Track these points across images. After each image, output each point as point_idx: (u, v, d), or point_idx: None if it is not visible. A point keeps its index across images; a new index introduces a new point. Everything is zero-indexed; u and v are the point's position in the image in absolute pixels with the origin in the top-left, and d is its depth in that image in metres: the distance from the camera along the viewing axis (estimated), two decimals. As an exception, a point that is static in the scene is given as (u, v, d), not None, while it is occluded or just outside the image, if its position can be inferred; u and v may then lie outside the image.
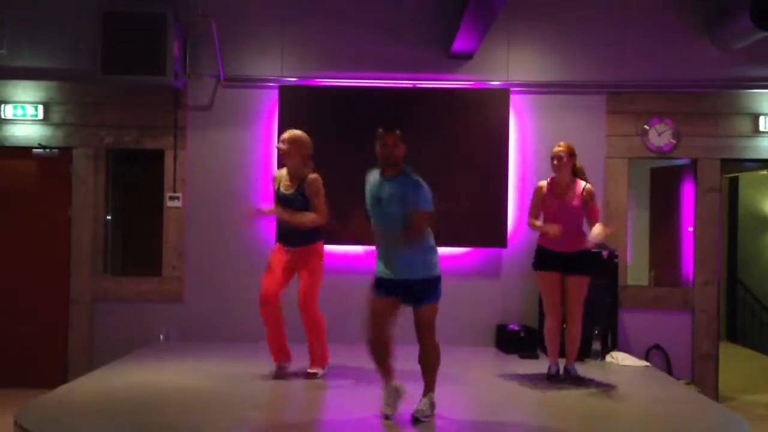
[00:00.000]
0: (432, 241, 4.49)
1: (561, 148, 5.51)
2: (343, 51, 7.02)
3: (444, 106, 6.93)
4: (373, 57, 7.00)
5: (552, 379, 5.59)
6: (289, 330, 5.50)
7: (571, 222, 5.47)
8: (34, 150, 6.99)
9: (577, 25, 7.03)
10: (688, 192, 7.21)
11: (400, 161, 4.46)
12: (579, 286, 5.49)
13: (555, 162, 5.50)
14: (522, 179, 6.96)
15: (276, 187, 5.44)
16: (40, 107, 6.98)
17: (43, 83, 6.99)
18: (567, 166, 5.50)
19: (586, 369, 5.97)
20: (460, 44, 6.59)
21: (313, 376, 5.46)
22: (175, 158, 6.99)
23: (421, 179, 4.44)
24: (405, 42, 7.02)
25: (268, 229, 6.83)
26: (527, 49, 7.05)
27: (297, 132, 5.40)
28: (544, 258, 5.57)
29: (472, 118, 6.90)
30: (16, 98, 7.00)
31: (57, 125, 7.01)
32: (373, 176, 4.54)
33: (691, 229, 7.10)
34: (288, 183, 5.38)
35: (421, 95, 6.96)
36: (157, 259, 7.02)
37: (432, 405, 4.44)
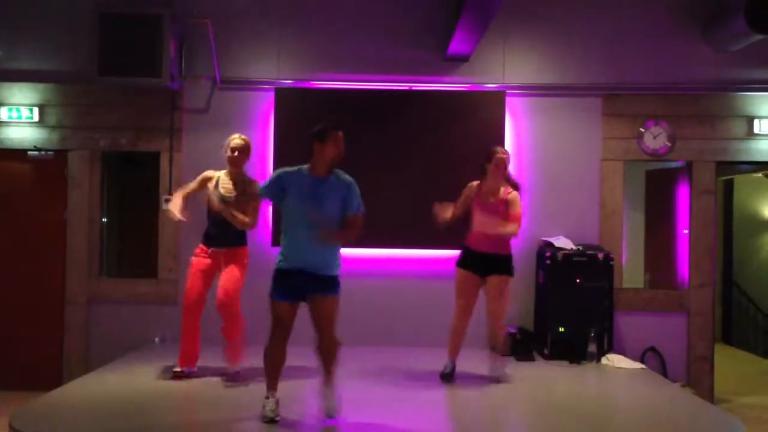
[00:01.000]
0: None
1: (507, 155, 5.59)
2: (340, 53, 7.03)
3: (440, 108, 6.93)
4: (369, 59, 7.01)
5: (446, 378, 5.55)
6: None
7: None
8: (30, 152, 6.97)
9: (573, 28, 7.05)
10: (683, 194, 7.23)
11: (334, 162, 4.52)
12: (496, 286, 5.48)
13: (500, 169, 5.52)
14: (517, 181, 6.94)
15: (212, 188, 5.40)
16: (36, 109, 6.97)
17: (38, 85, 6.98)
18: (505, 173, 5.57)
19: (581, 371, 5.98)
20: (456, 47, 6.60)
21: (233, 376, 5.47)
22: (170, 160, 6.98)
23: (352, 180, 4.53)
24: (401, 44, 7.02)
25: (263, 232, 6.84)
26: (523, 52, 7.06)
27: (246, 138, 5.51)
28: (467, 257, 5.57)
29: (468, 121, 6.90)
30: (12, 100, 6.98)
31: (52, 127, 6.99)
32: (299, 175, 4.50)
33: (686, 231, 7.12)
34: (229, 186, 5.42)
35: (417, 98, 6.96)
36: (153, 261, 7.01)
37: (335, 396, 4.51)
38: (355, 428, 4.40)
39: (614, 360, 6.36)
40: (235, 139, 5.46)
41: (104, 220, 7.14)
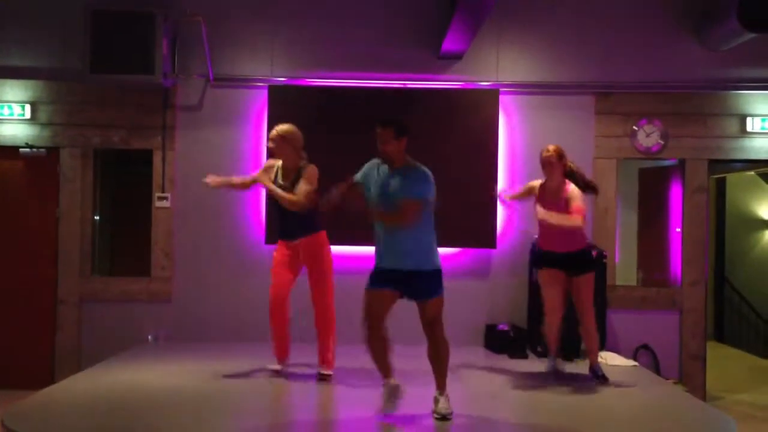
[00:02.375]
0: (433, 237, 4.51)
1: (550, 153, 5.49)
2: (333, 51, 7.02)
3: (433, 106, 6.93)
4: (362, 57, 7.00)
5: (551, 376, 5.64)
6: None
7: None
8: (22, 150, 6.95)
9: (566, 26, 7.06)
10: (676, 192, 7.25)
11: (394, 156, 4.45)
12: (584, 284, 5.53)
13: (547, 168, 5.50)
14: (511, 179, 6.97)
15: (273, 177, 5.38)
16: (28, 106, 6.94)
17: (30, 82, 6.95)
18: (558, 170, 5.49)
19: (574, 368, 5.98)
20: (449, 45, 6.60)
21: (327, 377, 5.38)
22: (163, 158, 6.96)
23: (425, 171, 4.45)
24: (395, 42, 7.02)
25: (257, 230, 6.83)
26: (517, 50, 7.07)
27: (284, 127, 5.37)
28: (545, 258, 5.61)
29: (461, 119, 6.91)
30: (3, 98, 6.95)
31: (44, 125, 6.97)
32: (382, 168, 4.52)
33: (679, 229, 7.14)
34: (284, 174, 5.37)
35: (411, 96, 6.96)
36: (146, 259, 6.99)
37: (449, 400, 4.47)
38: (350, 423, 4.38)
39: (607, 357, 6.37)
40: (272, 131, 5.39)
41: (97, 218, 7.12)
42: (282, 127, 5.38)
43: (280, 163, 5.42)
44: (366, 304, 4.45)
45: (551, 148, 5.53)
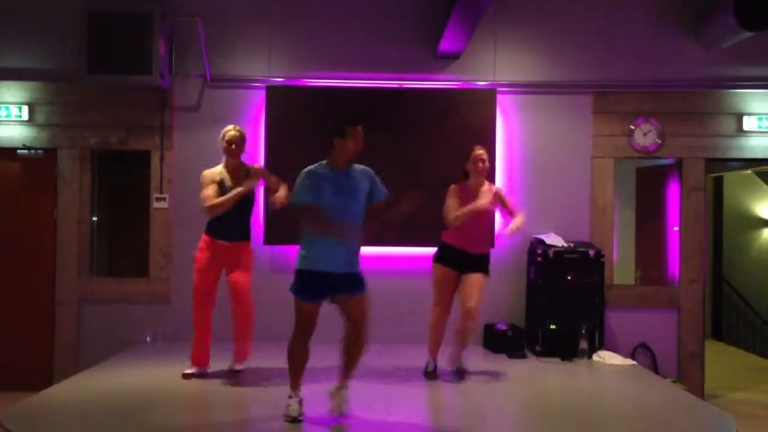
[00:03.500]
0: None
1: (483, 151, 5.56)
2: (331, 51, 7.02)
3: (431, 106, 6.93)
4: (360, 57, 7.00)
5: (429, 376, 5.56)
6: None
7: (484, 223, 5.55)
8: (19, 151, 6.94)
9: (563, 26, 7.06)
10: (673, 191, 7.26)
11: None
12: (480, 282, 5.48)
13: (480, 165, 5.51)
14: (509, 179, 6.98)
15: (219, 183, 5.35)
16: (25, 108, 6.93)
17: (27, 83, 6.94)
18: (486, 169, 5.57)
19: (572, 368, 5.99)
20: (446, 44, 6.60)
21: (240, 372, 5.51)
22: (161, 159, 6.96)
23: (368, 168, 4.53)
24: (392, 42, 7.02)
25: (255, 230, 6.81)
26: (514, 50, 7.07)
27: (238, 128, 5.46)
28: (448, 254, 5.52)
29: (459, 118, 6.91)
30: (1, 99, 6.94)
31: (42, 126, 6.96)
32: (324, 172, 4.41)
33: (676, 228, 7.15)
34: (231, 177, 5.38)
35: (408, 95, 6.96)
36: (144, 260, 6.99)
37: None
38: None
39: (605, 356, 6.38)
40: (230, 131, 5.41)
41: (94, 218, 7.11)
42: (241, 129, 5.47)
43: (219, 168, 5.42)
44: (302, 314, 4.39)
45: (481, 147, 5.61)
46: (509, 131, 7.03)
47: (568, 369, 5.95)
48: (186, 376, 5.37)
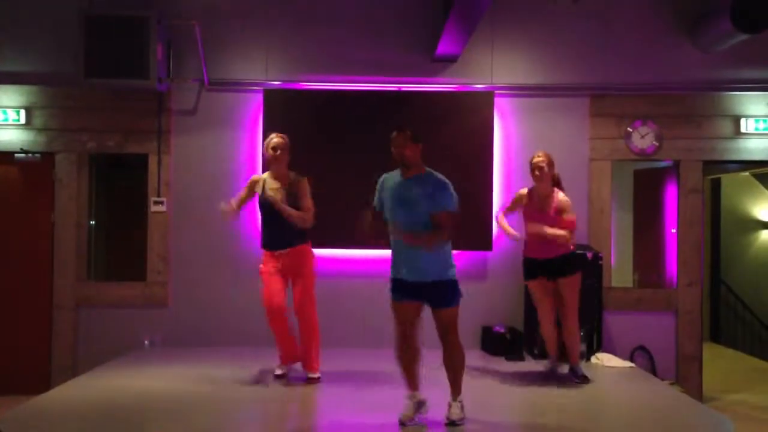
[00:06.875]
0: (450, 247, 4.51)
1: (541, 158, 5.57)
2: (328, 55, 7.02)
3: (429, 109, 6.93)
4: (357, 61, 7.00)
5: (551, 376, 5.72)
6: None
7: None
8: (17, 155, 6.94)
9: (560, 29, 7.07)
10: (671, 194, 7.26)
11: (413, 161, 4.46)
12: (568, 286, 5.59)
13: (536, 173, 5.56)
14: (507, 182, 6.98)
15: (260, 191, 5.42)
16: (22, 112, 6.93)
17: (25, 87, 6.94)
18: (548, 177, 5.56)
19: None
20: (444, 48, 6.61)
21: (315, 380, 5.45)
22: (159, 163, 6.95)
23: (446, 179, 4.47)
24: (389, 46, 7.03)
25: (253, 234, 6.82)
26: (511, 53, 7.08)
27: (285, 136, 5.45)
28: (531, 268, 5.69)
29: (456, 122, 6.91)
30: (-2, 103, 6.95)
31: (39, 130, 6.95)
32: (393, 178, 4.54)
33: (674, 230, 7.15)
34: (275, 186, 5.38)
35: (406, 99, 6.96)
36: (142, 264, 6.98)
37: (462, 408, 4.46)
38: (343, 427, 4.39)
39: (603, 359, 6.38)
40: (274, 138, 5.41)
41: (92, 222, 7.10)
42: (284, 136, 5.44)
43: (266, 176, 5.46)
44: (395, 315, 4.50)
45: (542, 153, 5.62)
46: (507, 134, 7.04)
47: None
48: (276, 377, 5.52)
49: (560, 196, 5.55)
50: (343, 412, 4.73)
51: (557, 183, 5.64)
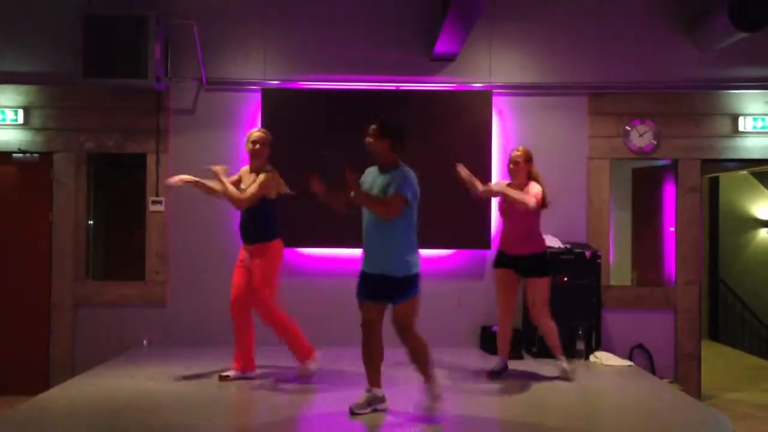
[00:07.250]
0: (410, 244, 4.51)
1: (518, 153, 5.63)
2: (326, 54, 7.02)
3: (427, 108, 6.93)
4: (355, 60, 7.00)
5: (494, 375, 5.67)
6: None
7: (524, 224, 5.57)
8: (15, 155, 6.93)
9: (558, 27, 7.07)
10: (669, 192, 7.27)
11: (381, 156, 4.54)
12: (537, 289, 5.61)
13: (512, 166, 5.62)
14: (505, 179, 6.97)
15: (236, 182, 5.48)
16: (20, 111, 6.92)
17: (23, 87, 6.93)
18: (523, 171, 5.61)
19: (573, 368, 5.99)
20: (442, 46, 6.61)
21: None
22: (157, 162, 6.95)
23: (408, 171, 4.54)
24: (388, 45, 7.02)
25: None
26: (509, 51, 7.08)
27: (267, 131, 5.50)
28: (501, 259, 5.71)
29: (455, 120, 6.91)
30: (-4, 102, 6.94)
31: (37, 129, 6.95)
32: (373, 171, 4.65)
33: (672, 229, 7.16)
34: (249, 181, 5.43)
35: (404, 98, 6.96)
36: (140, 263, 6.98)
37: (435, 396, 4.52)
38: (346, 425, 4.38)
39: (602, 357, 6.39)
40: (255, 132, 5.46)
41: (90, 222, 7.09)
42: (265, 131, 5.51)
43: (246, 169, 5.52)
44: (360, 311, 4.59)
45: (521, 148, 5.69)
46: (505, 132, 7.04)
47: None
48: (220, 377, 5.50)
49: (533, 183, 5.58)
50: (343, 412, 4.73)
51: (534, 178, 5.65)
